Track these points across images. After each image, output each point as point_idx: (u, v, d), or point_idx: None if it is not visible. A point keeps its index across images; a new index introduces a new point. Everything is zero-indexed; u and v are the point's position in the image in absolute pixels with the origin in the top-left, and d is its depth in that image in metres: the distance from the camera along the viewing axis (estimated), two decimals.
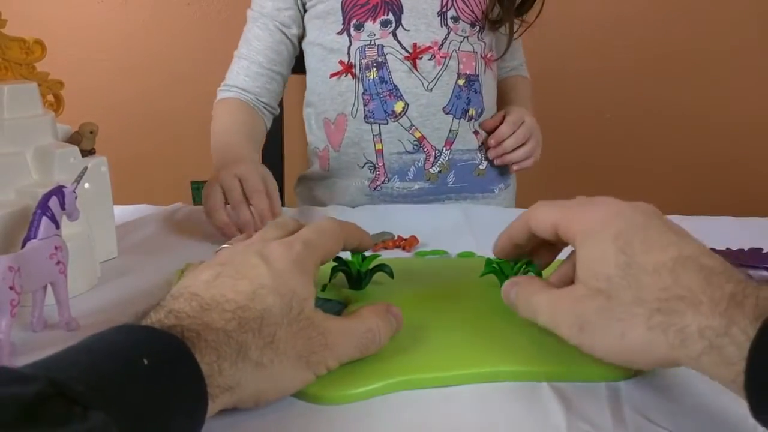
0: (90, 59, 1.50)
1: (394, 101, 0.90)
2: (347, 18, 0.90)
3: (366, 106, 0.91)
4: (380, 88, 0.90)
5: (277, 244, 0.39)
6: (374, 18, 0.89)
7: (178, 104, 1.52)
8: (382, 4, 0.89)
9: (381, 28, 0.89)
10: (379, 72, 0.89)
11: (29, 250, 0.45)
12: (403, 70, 0.89)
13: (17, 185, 0.53)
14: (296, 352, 0.36)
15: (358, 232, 0.47)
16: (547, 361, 0.42)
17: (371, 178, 0.93)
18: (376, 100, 0.90)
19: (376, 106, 0.90)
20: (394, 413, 0.38)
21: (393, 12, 0.89)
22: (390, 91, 0.90)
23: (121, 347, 0.30)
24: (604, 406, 0.38)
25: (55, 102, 0.63)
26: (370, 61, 0.90)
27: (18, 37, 0.58)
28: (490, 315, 0.48)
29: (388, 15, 0.89)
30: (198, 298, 0.35)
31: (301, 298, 0.37)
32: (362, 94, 0.91)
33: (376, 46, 0.89)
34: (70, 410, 0.25)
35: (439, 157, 0.92)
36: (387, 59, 0.89)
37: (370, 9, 0.89)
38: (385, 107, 0.90)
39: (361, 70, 0.90)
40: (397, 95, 0.90)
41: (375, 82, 0.90)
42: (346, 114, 0.92)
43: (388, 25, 0.89)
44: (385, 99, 0.90)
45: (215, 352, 0.33)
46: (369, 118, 0.91)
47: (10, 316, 0.41)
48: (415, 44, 0.89)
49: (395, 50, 0.89)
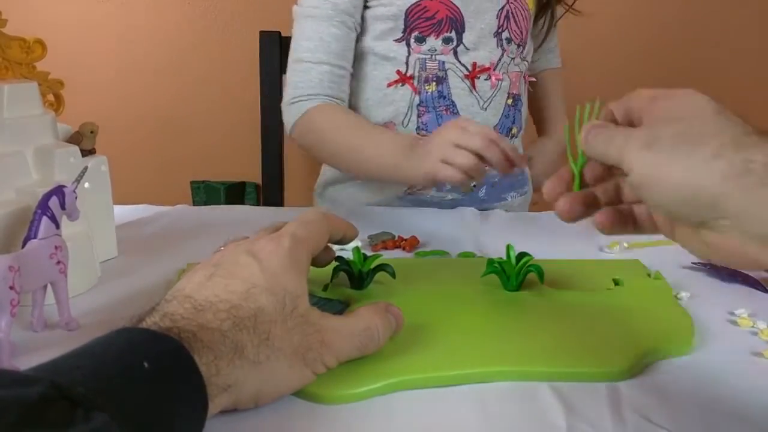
0: (90, 59, 1.50)
1: (449, 117, 0.89)
2: (409, 28, 0.88)
3: (420, 118, 0.90)
4: (438, 103, 0.89)
5: (266, 241, 0.40)
6: (438, 34, 0.87)
7: (178, 104, 1.53)
8: (446, 20, 0.87)
9: (443, 44, 0.88)
10: (439, 86, 0.89)
11: (29, 249, 0.45)
12: (462, 87, 0.89)
13: (17, 185, 0.53)
14: (292, 349, 0.37)
15: (342, 223, 0.47)
16: (547, 361, 0.42)
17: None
18: (432, 113, 0.89)
19: (431, 119, 0.89)
20: (394, 413, 0.38)
21: (456, 29, 0.88)
22: (447, 107, 0.89)
23: (122, 351, 0.31)
24: (604, 406, 0.38)
25: (55, 101, 0.63)
26: (430, 75, 0.88)
27: (18, 37, 0.58)
28: (490, 315, 0.48)
29: (451, 32, 0.87)
30: (191, 299, 0.35)
31: (294, 295, 0.37)
32: (418, 105, 0.89)
33: (437, 60, 0.88)
34: (73, 413, 0.25)
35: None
36: (448, 75, 0.89)
37: (435, 24, 0.87)
38: (440, 121, 0.89)
39: (420, 82, 0.89)
40: (454, 111, 0.89)
41: (433, 96, 0.89)
42: (396, 123, 0.91)
43: (450, 43, 0.88)
44: (441, 113, 0.89)
45: (212, 352, 0.33)
46: (421, 130, 0.90)
47: (10, 316, 0.41)
48: (474, 63, 0.89)
49: (456, 67, 0.89)
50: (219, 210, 0.81)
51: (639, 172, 0.36)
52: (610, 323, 0.47)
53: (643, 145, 0.36)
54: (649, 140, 0.36)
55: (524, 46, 0.94)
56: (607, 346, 0.44)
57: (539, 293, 0.52)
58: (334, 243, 0.48)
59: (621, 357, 0.43)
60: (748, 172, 0.33)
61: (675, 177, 0.35)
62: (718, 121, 0.36)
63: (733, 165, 0.33)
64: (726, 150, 0.34)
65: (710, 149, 0.34)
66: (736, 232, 0.34)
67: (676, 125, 0.36)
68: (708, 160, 0.34)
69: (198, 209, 0.80)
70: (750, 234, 0.33)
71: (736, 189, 0.33)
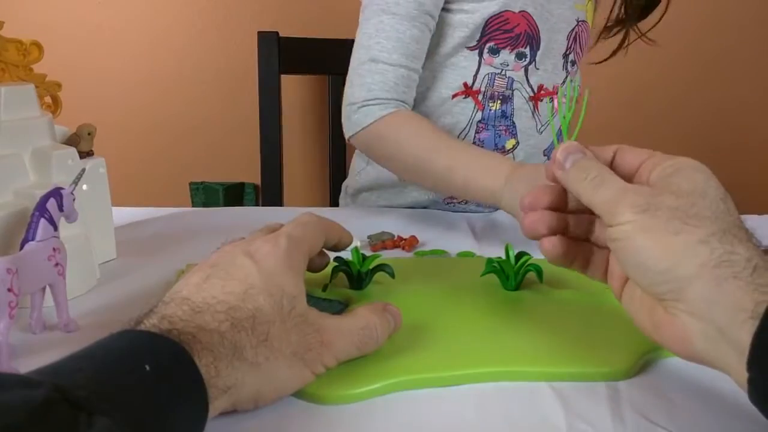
0: (87, 61, 1.49)
1: (507, 137, 0.88)
2: (485, 37, 0.84)
3: (478, 134, 0.87)
4: (498, 122, 0.87)
5: (262, 242, 0.40)
6: (513, 47, 0.84)
7: (176, 105, 1.52)
8: (524, 36, 0.84)
9: (516, 60, 0.85)
10: (503, 106, 0.86)
11: (27, 251, 0.45)
12: (525, 109, 0.87)
13: (15, 187, 0.53)
14: (291, 349, 0.36)
15: (338, 228, 0.47)
16: (547, 361, 0.42)
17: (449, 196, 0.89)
18: (491, 131, 0.87)
19: (489, 137, 0.87)
20: (394, 413, 0.38)
21: (531, 46, 0.85)
22: (507, 128, 0.87)
23: (123, 353, 0.31)
24: (604, 406, 0.38)
25: (52, 103, 0.63)
26: (497, 92, 0.86)
27: (15, 39, 0.58)
28: (490, 315, 0.48)
29: (526, 48, 0.85)
30: (189, 301, 0.35)
31: (291, 295, 0.37)
32: (478, 121, 0.87)
33: (507, 78, 0.86)
34: (76, 416, 0.25)
35: None
36: (514, 95, 0.86)
37: (513, 37, 0.84)
38: (497, 141, 0.87)
39: (486, 99, 0.86)
40: (513, 133, 0.88)
41: (496, 114, 0.86)
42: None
43: (523, 59, 0.85)
44: (500, 133, 0.87)
45: (211, 353, 0.33)
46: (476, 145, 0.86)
47: (9, 318, 0.41)
48: (541, 85, 0.87)
49: (523, 87, 0.86)
50: (218, 211, 0.81)
51: (626, 230, 0.36)
52: (610, 323, 0.47)
53: (640, 207, 0.36)
54: (648, 205, 0.36)
55: (578, 63, 0.93)
56: (607, 346, 0.44)
57: (538, 293, 0.52)
58: (328, 248, 0.48)
59: (621, 357, 0.43)
60: (725, 263, 0.33)
61: (657, 249, 0.35)
62: (718, 208, 0.36)
63: (714, 255, 0.34)
64: (713, 239, 0.34)
65: (699, 235, 0.34)
66: (688, 318, 0.34)
67: (677, 199, 0.36)
68: (693, 244, 0.34)
69: (196, 210, 0.80)
70: (702, 321, 0.34)
71: (707, 276, 0.33)
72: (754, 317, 0.32)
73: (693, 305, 0.34)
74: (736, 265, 0.33)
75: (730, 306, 0.33)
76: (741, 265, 0.33)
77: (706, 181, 0.37)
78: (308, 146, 1.48)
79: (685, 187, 0.36)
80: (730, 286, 0.33)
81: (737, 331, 0.32)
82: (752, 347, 0.31)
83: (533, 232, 0.43)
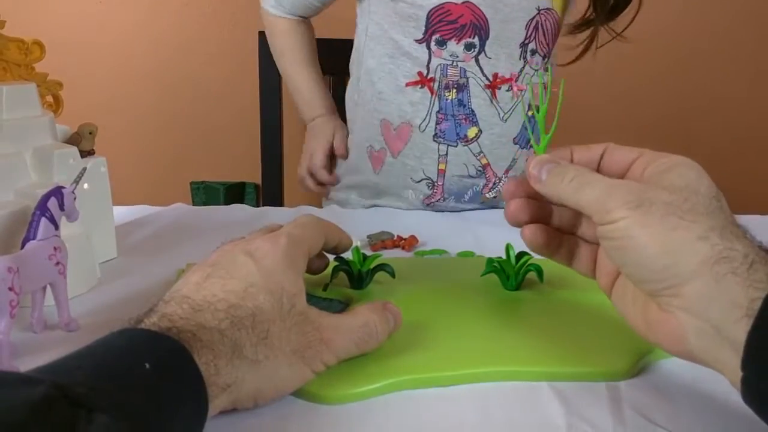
0: (89, 59, 1.49)
1: (468, 126, 0.88)
2: (430, 30, 0.86)
3: (438, 125, 0.88)
4: (457, 111, 0.87)
5: (263, 240, 0.40)
6: (459, 38, 0.85)
7: (177, 104, 1.53)
8: (470, 25, 0.85)
9: (464, 51, 0.86)
10: (459, 94, 0.87)
11: (28, 250, 0.45)
12: (482, 97, 0.87)
13: (16, 186, 0.53)
14: (291, 347, 0.37)
15: (337, 231, 0.47)
16: (548, 361, 0.42)
17: (427, 194, 0.90)
18: (451, 121, 0.88)
19: (450, 127, 0.88)
20: (394, 413, 0.38)
21: (479, 36, 0.85)
22: (467, 116, 0.88)
23: (123, 351, 0.31)
24: (604, 406, 0.38)
25: (54, 103, 0.63)
26: (451, 81, 0.87)
27: (17, 38, 0.58)
28: (490, 315, 0.48)
29: (474, 38, 0.85)
30: (189, 300, 0.35)
31: (291, 294, 0.38)
32: (437, 111, 0.88)
33: (459, 68, 0.87)
34: (75, 413, 0.25)
35: (498, 183, 0.90)
36: (469, 83, 0.87)
37: (458, 28, 0.85)
38: (459, 130, 0.88)
39: (441, 88, 0.87)
40: (473, 121, 0.88)
41: (453, 104, 0.87)
42: (413, 126, 0.89)
43: (472, 49, 0.86)
44: (460, 122, 0.88)
45: (211, 351, 0.33)
46: (439, 137, 0.88)
47: (10, 317, 0.41)
48: (496, 74, 0.87)
49: (477, 76, 0.87)
50: (218, 210, 0.81)
51: (622, 228, 0.35)
52: (611, 323, 0.47)
53: (633, 203, 0.35)
54: (640, 200, 0.35)
55: (549, 55, 0.92)
56: (607, 346, 0.44)
57: (539, 293, 0.52)
58: (328, 251, 0.48)
59: (621, 357, 0.43)
60: (725, 259, 0.33)
61: (657, 246, 0.34)
62: (712, 204, 0.36)
63: (713, 250, 0.33)
64: (713, 235, 0.34)
65: (698, 230, 0.34)
66: (684, 314, 0.34)
67: (670, 195, 0.35)
68: (693, 240, 0.34)
69: (197, 209, 0.80)
70: (697, 318, 0.34)
71: (706, 273, 0.33)
72: (749, 315, 0.31)
73: (690, 302, 0.34)
74: (735, 261, 0.33)
75: (727, 303, 0.32)
76: (739, 261, 0.33)
77: (699, 179, 0.37)
78: None
79: (677, 183, 0.36)
80: (728, 282, 0.33)
81: (732, 329, 0.32)
82: (746, 346, 0.31)
83: (515, 219, 0.43)
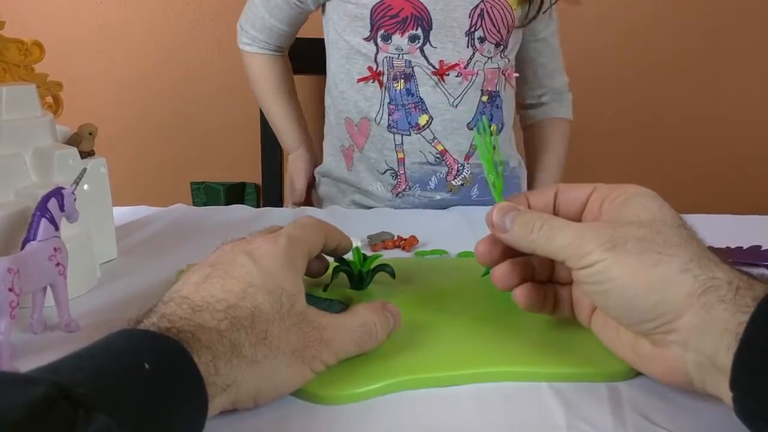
0: (89, 60, 1.49)
1: (418, 114, 0.90)
2: (375, 26, 0.89)
3: (390, 116, 0.91)
4: (406, 100, 0.90)
5: (262, 241, 0.40)
6: (402, 32, 0.88)
7: (177, 105, 1.53)
8: (411, 18, 0.87)
9: (409, 42, 0.88)
10: (407, 84, 0.89)
11: (28, 251, 0.45)
12: (429, 84, 0.89)
13: (16, 187, 0.53)
14: (290, 347, 0.37)
15: (337, 233, 0.47)
16: (547, 361, 0.42)
17: (393, 184, 0.93)
18: (401, 111, 0.90)
19: (401, 117, 0.90)
20: (394, 413, 0.38)
21: (422, 27, 0.88)
22: (416, 104, 0.90)
23: (122, 352, 0.31)
24: (604, 406, 0.38)
25: (53, 103, 0.63)
26: (398, 72, 0.89)
27: (16, 39, 0.58)
28: (490, 315, 0.48)
29: (417, 30, 0.88)
30: (188, 300, 0.35)
31: (290, 293, 0.38)
32: (388, 103, 0.91)
33: (404, 59, 0.89)
34: (75, 413, 0.25)
35: (462, 170, 0.92)
36: (415, 72, 0.89)
37: (400, 21, 0.88)
38: (410, 119, 0.90)
39: (389, 80, 0.90)
40: (423, 108, 0.90)
41: (401, 94, 0.90)
42: (369, 120, 0.92)
43: (416, 41, 0.88)
44: (410, 111, 0.90)
45: (210, 351, 0.33)
46: (392, 128, 0.91)
47: (10, 318, 0.41)
48: (441, 61, 0.89)
49: (422, 65, 0.89)
50: (218, 210, 0.81)
51: (601, 271, 0.35)
52: None
53: (608, 243, 0.35)
54: (613, 240, 0.35)
55: (505, 45, 0.93)
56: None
57: None
58: (327, 252, 0.48)
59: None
60: (711, 288, 0.33)
61: (641, 284, 0.34)
62: (681, 234, 0.36)
63: (698, 282, 0.33)
64: (693, 266, 0.34)
65: (678, 263, 0.34)
66: (680, 348, 0.34)
67: (640, 229, 0.35)
68: (676, 273, 0.34)
69: (197, 209, 0.80)
70: (693, 351, 0.34)
71: (695, 305, 0.33)
72: (737, 339, 0.32)
73: (686, 335, 0.34)
74: (720, 289, 0.33)
75: (720, 331, 0.32)
76: (724, 289, 0.33)
77: (661, 208, 0.37)
78: None
79: (644, 217, 0.36)
80: (718, 311, 0.33)
81: (725, 355, 0.32)
82: (733, 368, 0.32)
83: (506, 284, 0.43)
